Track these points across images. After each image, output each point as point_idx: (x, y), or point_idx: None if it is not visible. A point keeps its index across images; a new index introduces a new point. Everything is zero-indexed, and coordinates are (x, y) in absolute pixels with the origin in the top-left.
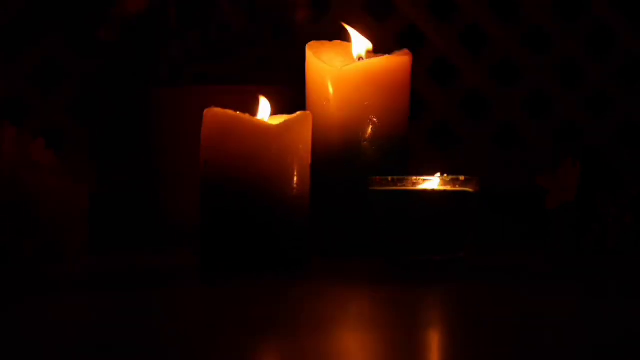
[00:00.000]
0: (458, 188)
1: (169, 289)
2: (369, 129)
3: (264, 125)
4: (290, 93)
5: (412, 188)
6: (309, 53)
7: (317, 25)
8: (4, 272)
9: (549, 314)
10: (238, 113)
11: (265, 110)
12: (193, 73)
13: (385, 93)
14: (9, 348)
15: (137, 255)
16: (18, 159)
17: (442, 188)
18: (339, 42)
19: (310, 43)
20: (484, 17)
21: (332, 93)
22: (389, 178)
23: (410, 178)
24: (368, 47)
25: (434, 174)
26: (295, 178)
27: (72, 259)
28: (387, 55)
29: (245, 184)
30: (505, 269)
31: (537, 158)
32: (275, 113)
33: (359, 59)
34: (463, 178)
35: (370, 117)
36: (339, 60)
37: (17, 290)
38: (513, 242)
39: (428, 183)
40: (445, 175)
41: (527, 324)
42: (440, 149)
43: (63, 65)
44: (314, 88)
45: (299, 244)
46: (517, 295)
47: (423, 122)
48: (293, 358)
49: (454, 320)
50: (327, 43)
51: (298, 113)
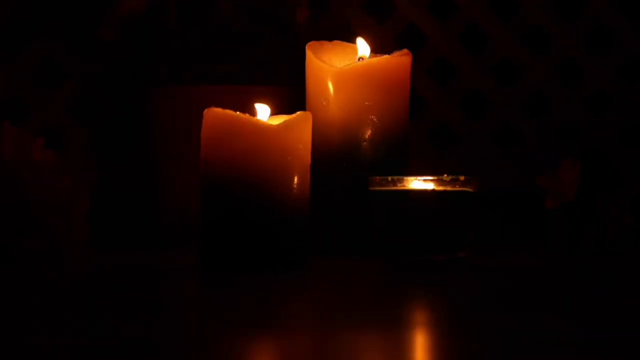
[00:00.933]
0: (458, 188)
1: (169, 289)
2: (369, 129)
3: (264, 125)
4: (290, 93)
5: (412, 188)
6: (309, 53)
7: (317, 25)
8: (4, 272)
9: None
10: (238, 113)
11: (264, 111)
12: (193, 73)
13: (385, 93)
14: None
15: (137, 255)
16: (18, 159)
17: (442, 188)
18: (339, 42)
19: (310, 43)
20: (484, 17)
21: (332, 93)
22: (389, 178)
23: (410, 178)
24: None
25: (434, 174)
26: (295, 178)
27: (72, 259)
28: (387, 55)
29: (246, 184)
30: (505, 269)
31: (537, 158)
32: (275, 113)
33: (360, 59)
34: (463, 178)
35: (370, 117)
36: (339, 60)
37: (17, 290)
38: (513, 242)
39: (428, 183)
40: (445, 175)
41: (527, 324)
42: (440, 149)
43: (63, 65)
44: (314, 88)
45: (299, 244)
46: (517, 295)
47: (423, 122)
48: (292, 358)
49: (454, 321)
50: (327, 43)
51: (298, 113)
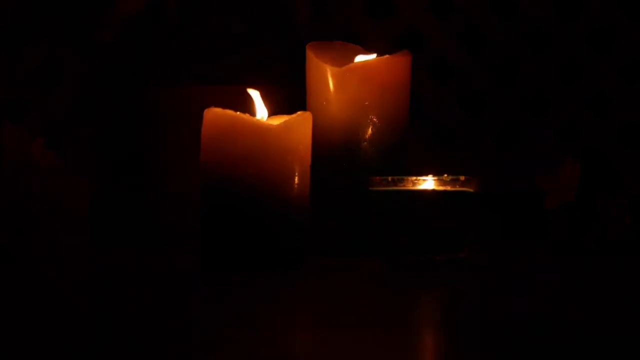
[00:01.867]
0: (458, 188)
1: (169, 289)
2: (369, 129)
3: (264, 125)
4: (291, 93)
5: (412, 188)
6: (309, 53)
7: (317, 25)
8: (4, 272)
9: (549, 314)
10: (238, 113)
11: (263, 109)
12: (193, 73)
13: (385, 93)
14: (9, 348)
15: (137, 255)
16: (18, 159)
17: (442, 188)
18: (339, 42)
19: (310, 43)
20: (484, 17)
21: (332, 93)
22: (389, 178)
23: (410, 178)
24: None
25: (434, 174)
26: (295, 178)
27: (72, 259)
28: (387, 55)
29: (245, 184)
30: (505, 269)
31: (537, 158)
32: (275, 113)
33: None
34: (463, 178)
35: (370, 117)
36: (339, 60)
37: (17, 290)
38: (513, 242)
39: (428, 183)
40: (445, 176)
41: (527, 324)
42: (440, 149)
43: (63, 66)
44: (314, 88)
45: (299, 244)
46: (517, 296)
47: (423, 122)
48: (293, 358)
49: (454, 321)
50: (327, 43)
51: (298, 113)
